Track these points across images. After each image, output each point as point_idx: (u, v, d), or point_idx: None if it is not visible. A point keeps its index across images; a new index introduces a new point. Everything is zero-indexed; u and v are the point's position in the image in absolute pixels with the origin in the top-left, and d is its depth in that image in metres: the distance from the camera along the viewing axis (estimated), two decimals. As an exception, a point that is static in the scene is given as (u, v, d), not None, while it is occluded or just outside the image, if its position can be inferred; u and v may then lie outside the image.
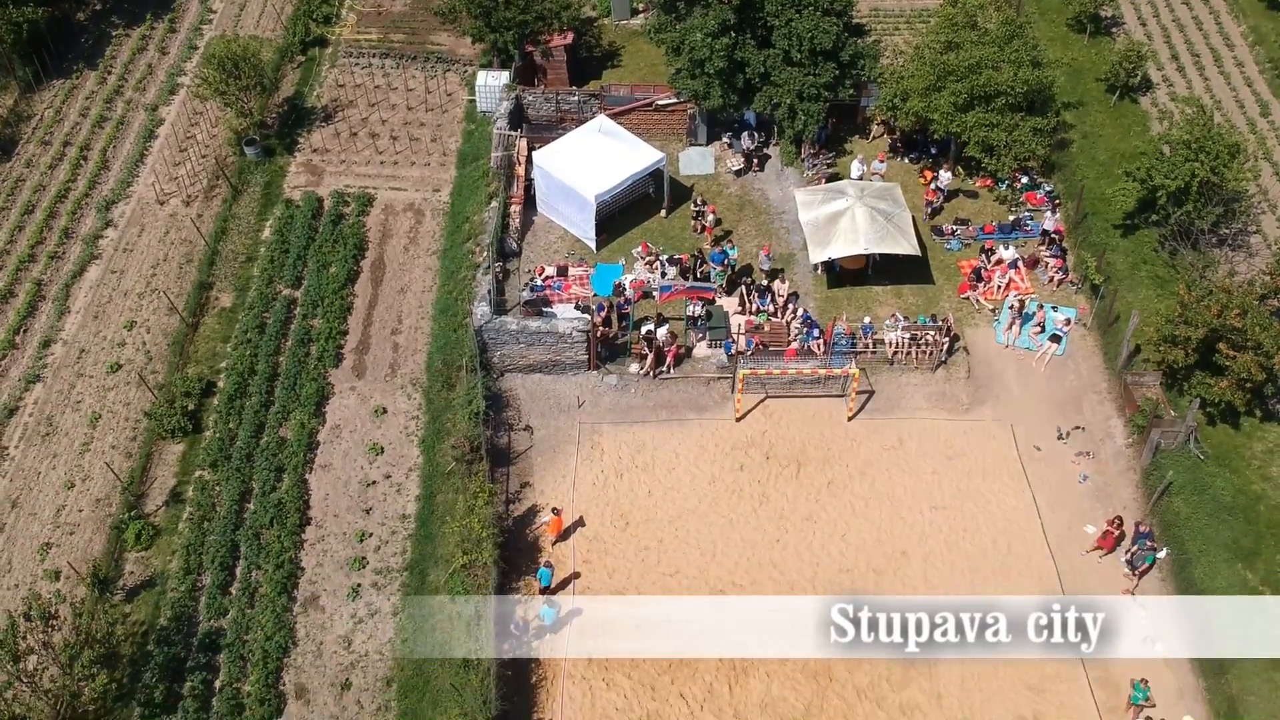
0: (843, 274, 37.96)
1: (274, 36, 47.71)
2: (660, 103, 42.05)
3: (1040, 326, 36.16)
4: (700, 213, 39.20)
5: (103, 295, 38.11)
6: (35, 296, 37.97)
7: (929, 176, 40.41)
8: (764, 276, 37.54)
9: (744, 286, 37.25)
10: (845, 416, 34.96)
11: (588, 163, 38.01)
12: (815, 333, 35.68)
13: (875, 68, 40.37)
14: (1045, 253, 38.30)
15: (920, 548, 31.83)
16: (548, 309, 36.29)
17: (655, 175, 39.58)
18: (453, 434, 33.12)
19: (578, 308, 36.33)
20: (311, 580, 30.98)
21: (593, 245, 38.81)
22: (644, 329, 35.63)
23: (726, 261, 37.52)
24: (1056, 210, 39.49)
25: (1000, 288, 37.51)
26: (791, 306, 36.56)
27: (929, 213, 39.40)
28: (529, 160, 39.91)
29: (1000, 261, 37.90)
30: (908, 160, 41.91)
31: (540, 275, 37.82)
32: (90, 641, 26.32)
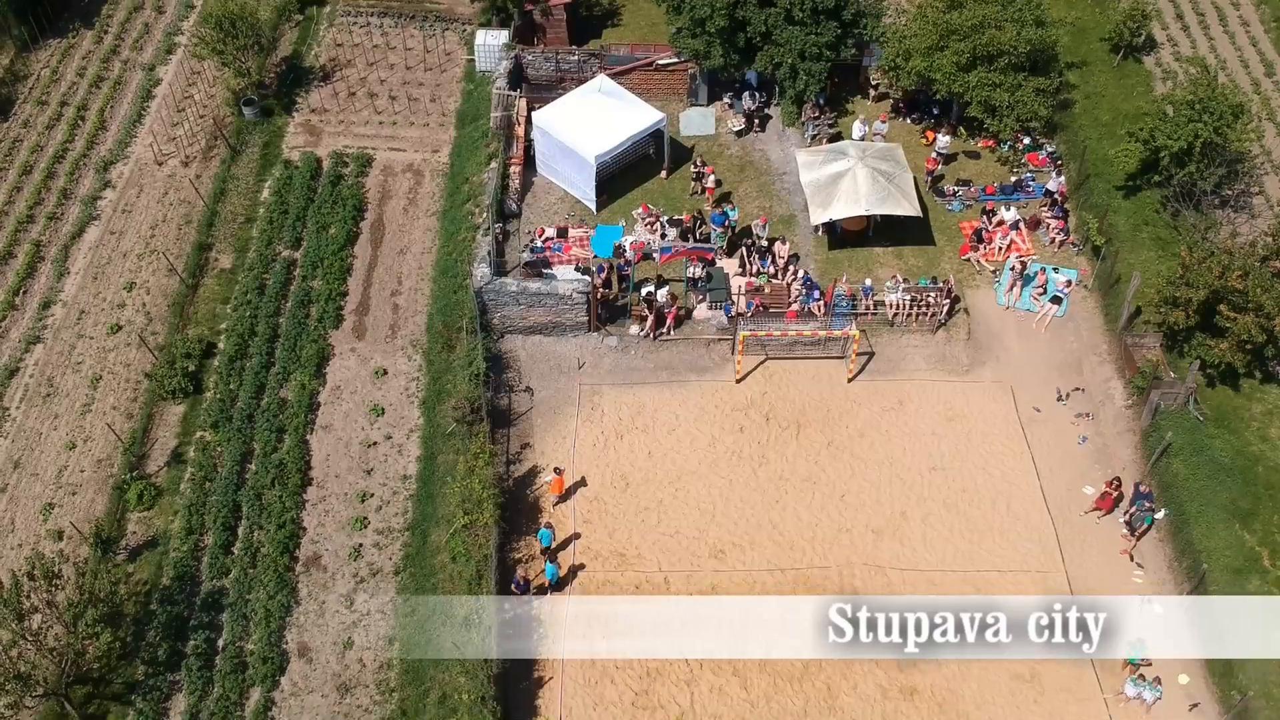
0: (844, 235, 37.86)
1: (271, -5, 47.33)
2: (661, 62, 41.74)
3: (1042, 288, 36.09)
4: (700, 174, 39.02)
5: (102, 256, 38.02)
6: (34, 258, 37.87)
7: (931, 137, 40.18)
8: (763, 242, 37.41)
9: (744, 248, 37.17)
10: (845, 378, 34.99)
11: (588, 123, 37.78)
12: (816, 294, 35.63)
13: (877, 27, 40.03)
14: (1047, 214, 38.16)
15: (919, 509, 31.96)
16: (548, 270, 36.25)
17: (656, 136, 39.37)
18: (453, 395, 33.15)
19: (578, 269, 36.28)
20: (313, 540, 31.13)
21: (593, 206, 38.67)
22: (644, 291, 35.57)
23: (727, 223, 37.39)
24: (1059, 172, 39.29)
25: (1001, 249, 37.42)
26: (792, 268, 36.48)
27: (929, 181, 39.16)
28: (528, 120, 39.69)
29: (1001, 223, 37.77)
30: (909, 121, 41.67)
31: (540, 237, 37.72)
32: (94, 600, 26.51)
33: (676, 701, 28.19)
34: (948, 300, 35.39)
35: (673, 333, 35.76)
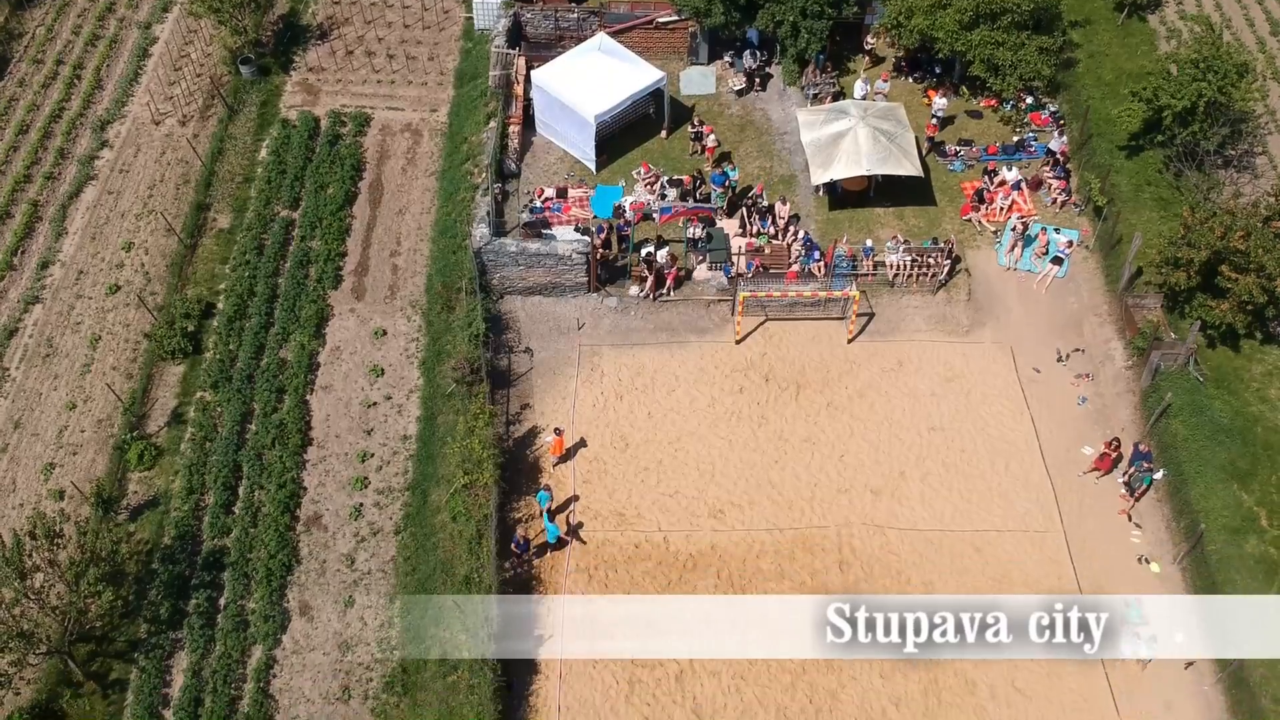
0: (844, 195, 37.68)
1: (268, -48, 46.81)
2: (661, 20, 41.35)
3: (1043, 249, 35.96)
4: (698, 134, 38.78)
5: (100, 216, 37.89)
6: (32, 218, 37.74)
7: (933, 97, 39.88)
8: (764, 202, 37.21)
9: (745, 208, 37.00)
10: (845, 339, 34.95)
11: (587, 82, 37.48)
12: (816, 255, 35.52)
13: (879, -16, 39.70)
14: (1048, 174, 37.97)
15: (918, 469, 32.03)
16: (547, 231, 36.13)
17: (656, 95, 39.08)
18: (453, 356, 33.14)
19: (577, 230, 36.15)
20: (314, 500, 31.23)
21: (592, 167, 38.46)
22: (644, 251, 35.46)
23: (727, 183, 37.20)
24: (1061, 132, 39.03)
25: (1003, 209, 37.24)
26: (792, 229, 36.33)
27: (929, 146, 38.85)
28: (527, 79, 39.39)
29: (1003, 183, 37.58)
30: (911, 80, 41.34)
31: (540, 197, 37.54)
32: (95, 559, 26.61)
33: (676, 659, 28.33)
34: (948, 261, 35.28)
35: (672, 293, 35.68)
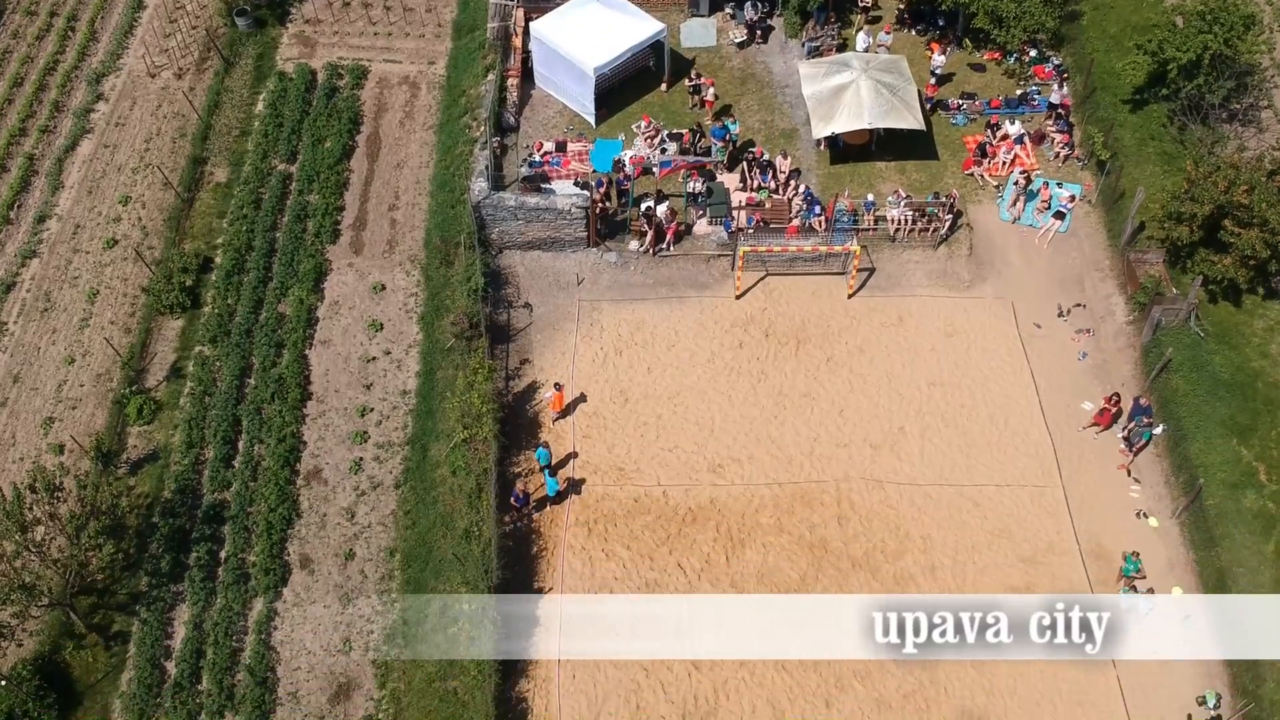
0: (846, 149, 37.38)
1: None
2: (661, -28, 40.88)
3: (1045, 204, 35.75)
4: (697, 88, 38.42)
5: (96, 170, 37.64)
6: (28, 171, 37.50)
7: (936, 48, 39.46)
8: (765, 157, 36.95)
9: (745, 162, 36.73)
10: (845, 294, 34.82)
11: (586, 34, 37.03)
12: (817, 209, 35.29)
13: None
14: (1051, 128, 37.65)
15: (917, 424, 32.02)
16: (546, 185, 35.87)
17: (656, 47, 38.62)
18: (452, 311, 33.04)
19: (577, 184, 35.89)
20: (314, 454, 31.25)
21: (592, 120, 38.11)
22: (644, 206, 35.23)
23: (728, 137, 36.89)
24: (1062, 84, 38.63)
25: (1005, 163, 36.97)
26: (793, 183, 36.07)
27: (930, 108, 38.42)
28: (526, 31, 38.94)
29: (1006, 137, 37.25)
30: (914, 33, 40.89)
31: (539, 150, 37.25)
32: (96, 513, 26.70)
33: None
34: (950, 215, 35.06)
35: (672, 248, 35.50)
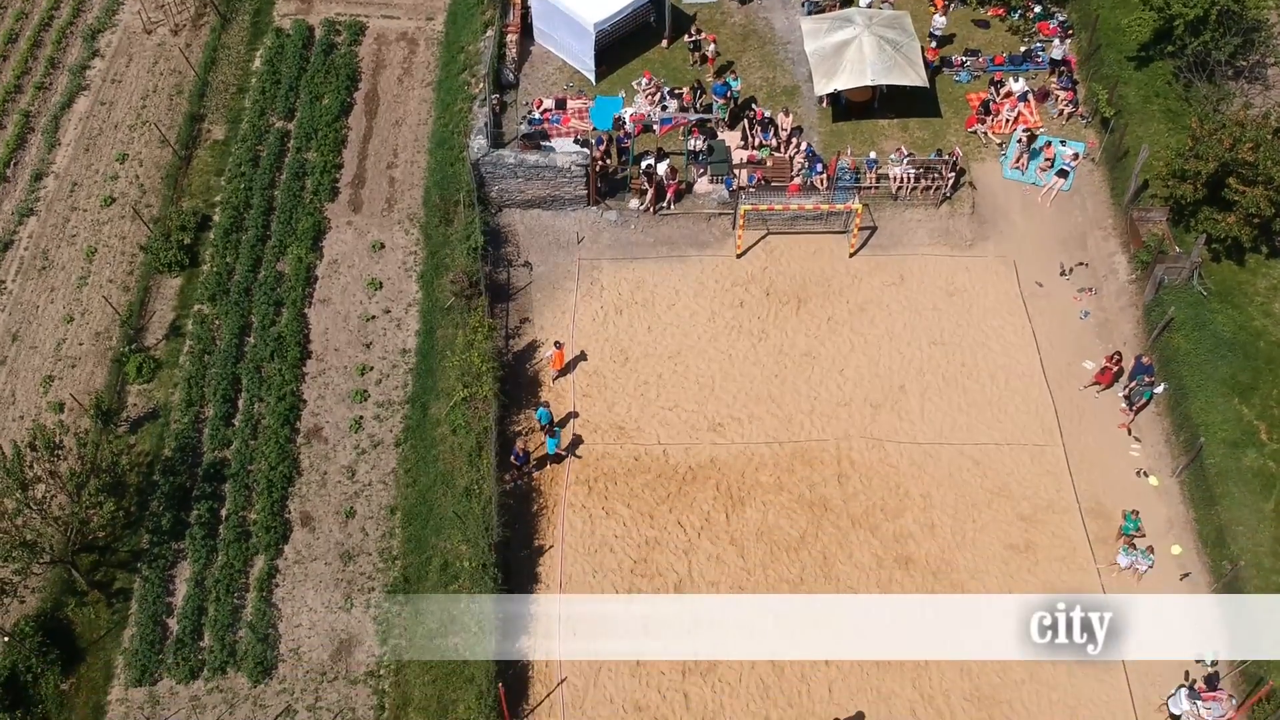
0: (848, 106, 37.08)
1: None
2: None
3: (1049, 161, 35.50)
4: (697, 44, 38.04)
5: (93, 127, 37.37)
6: (24, 128, 37.22)
7: (940, 5, 39.04)
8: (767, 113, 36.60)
9: (746, 120, 36.43)
10: (847, 253, 34.66)
11: (586, -12, 36.68)
12: (819, 167, 35.06)
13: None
14: (1055, 85, 37.31)
15: (918, 383, 31.96)
16: (546, 143, 35.61)
17: (656, 3, 38.23)
18: (451, 269, 32.89)
19: (576, 141, 35.63)
20: (314, 412, 31.23)
21: (592, 77, 37.78)
22: (644, 163, 35.00)
23: (729, 94, 36.57)
24: (1064, 39, 38.21)
25: (1009, 121, 36.67)
26: (795, 141, 35.81)
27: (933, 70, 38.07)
28: (526, -14, 38.57)
29: (1009, 94, 36.95)
30: (918, -13, 40.44)
31: (538, 108, 36.95)
32: (96, 471, 26.70)
33: (674, 569, 28.60)
34: (953, 174, 34.82)
35: (673, 207, 35.30)
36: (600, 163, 35.19)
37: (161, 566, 28.39)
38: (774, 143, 35.97)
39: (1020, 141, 35.65)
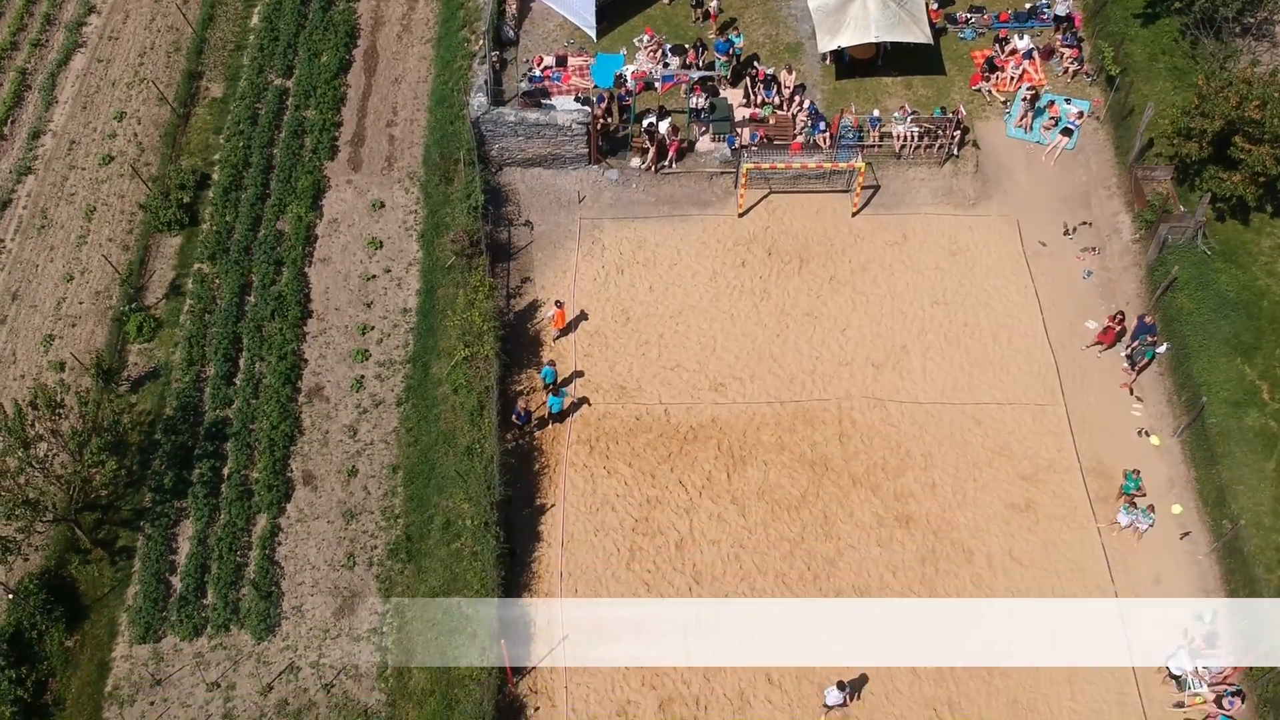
0: (852, 64, 36.75)
1: None
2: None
3: (1053, 120, 35.22)
4: (700, 0, 37.65)
5: (90, 85, 37.09)
6: (20, 86, 36.97)
7: (944, -39, 38.66)
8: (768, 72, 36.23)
9: (749, 78, 36.11)
10: (850, 212, 34.48)
11: (587, -56, 36.30)
12: (821, 126, 34.78)
13: None
14: (1060, 42, 36.96)
15: (920, 342, 31.91)
16: (546, 100, 35.33)
17: (658, -42, 37.88)
18: (452, 228, 32.74)
19: (577, 99, 35.33)
20: (315, 372, 31.20)
21: (592, 34, 37.41)
22: (645, 122, 34.74)
23: (732, 50, 36.24)
24: (1073, -4, 37.95)
25: (1013, 79, 36.37)
26: (798, 99, 35.51)
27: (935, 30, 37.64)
28: (526, -58, 38.12)
29: (1014, 52, 36.61)
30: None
31: (539, 65, 36.62)
32: (98, 430, 26.73)
33: (675, 528, 28.68)
34: (957, 132, 34.56)
35: (674, 165, 35.07)
36: (601, 121, 34.93)
37: (164, 525, 28.47)
38: (777, 100, 35.68)
39: (1025, 99, 35.36)
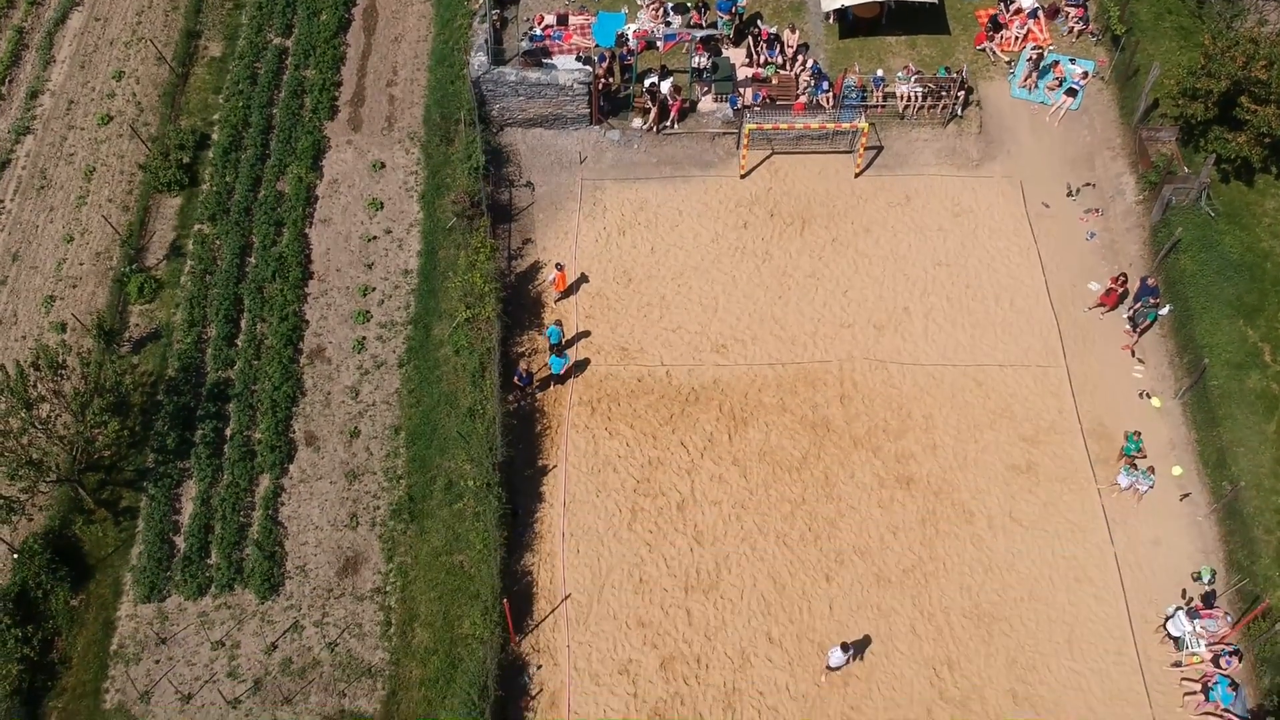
0: (856, 23, 36.47)
1: None
2: None
3: (1058, 80, 34.98)
4: (703, -41, 37.31)
5: (88, 44, 36.81)
6: (18, 45, 36.69)
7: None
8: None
9: (751, 37, 35.83)
10: (852, 173, 34.33)
11: (589, -99, 35.89)
12: (825, 85, 34.54)
13: None
14: (1065, 1, 36.62)
15: (922, 304, 31.86)
16: (547, 60, 35.04)
17: (660, -84, 37.38)
18: (452, 189, 32.63)
19: (579, 59, 35.05)
20: (316, 333, 31.18)
21: (594, -8, 37.16)
22: (647, 82, 34.50)
23: (735, 9, 35.93)
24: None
25: (1018, 39, 36.09)
26: (801, 58, 35.25)
27: None
28: (526, -102, 37.66)
29: (1019, 11, 36.29)
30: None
31: (540, 24, 36.30)
32: (100, 390, 26.72)
33: (677, 489, 28.78)
34: (961, 92, 34.33)
35: (676, 126, 34.88)
36: (603, 81, 34.69)
37: (167, 485, 28.55)
38: (779, 60, 35.43)
39: (1029, 59, 35.11)
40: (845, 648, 25.39)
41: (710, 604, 27.25)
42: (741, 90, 34.68)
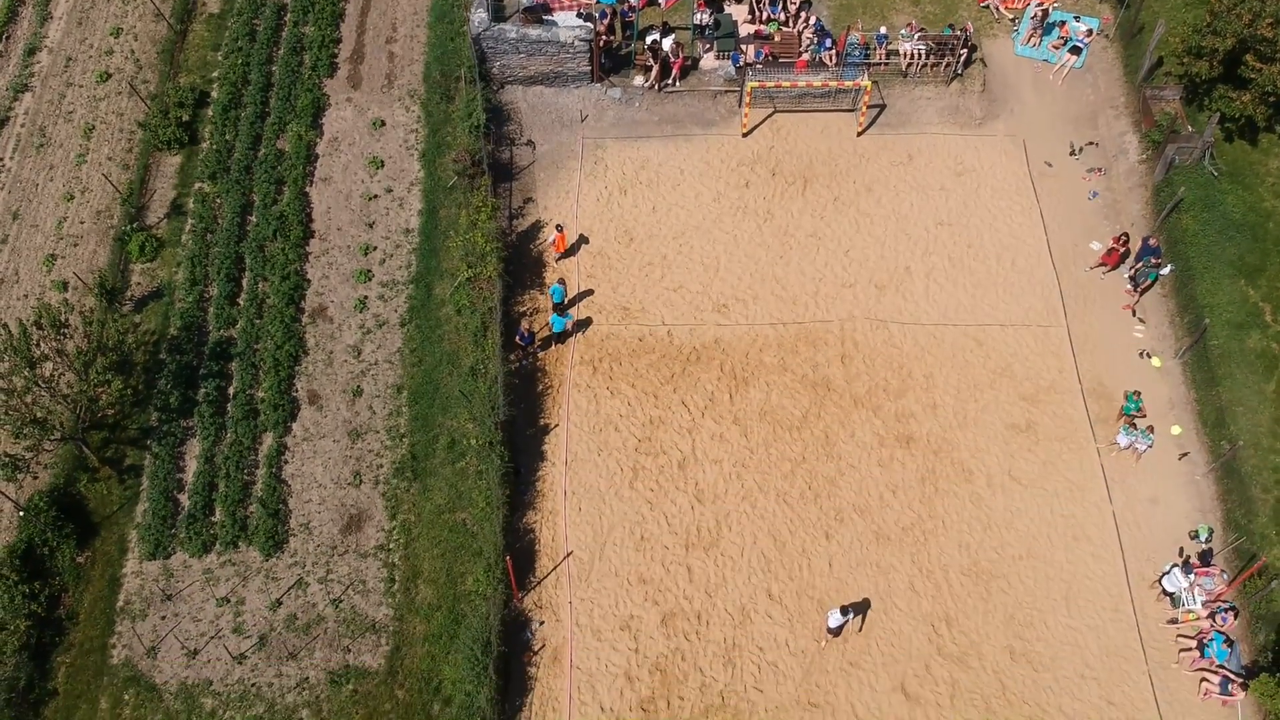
0: (858, -20, 36.21)
1: None
2: None
3: (1062, 39, 34.74)
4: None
5: (85, 0, 36.49)
6: (14, 1, 36.36)
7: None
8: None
9: (754, -6, 35.61)
10: (855, 132, 34.19)
11: None
12: (828, 43, 34.32)
13: None
14: (1072, -42, 36.37)
15: (923, 264, 31.85)
16: (548, 16, 34.78)
17: None
18: (453, 148, 32.50)
19: (579, 15, 34.79)
20: (318, 292, 31.19)
21: (595, -52, 36.79)
22: (649, 39, 34.28)
23: (736, -33, 35.70)
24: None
25: (1023, -5, 35.88)
26: (803, 15, 35.01)
27: None
28: None
29: (1024, -33, 36.04)
30: None
31: (541, -20, 36.05)
32: (103, 349, 26.80)
33: (678, 447, 28.92)
34: (965, 50, 34.11)
35: (678, 84, 34.69)
36: (604, 38, 34.47)
37: (171, 444, 28.69)
38: (782, 17, 35.18)
39: (1034, 17, 34.85)
40: (845, 610, 25.61)
41: (711, 561, 27.48)
42: (744, 47, 34.47)
